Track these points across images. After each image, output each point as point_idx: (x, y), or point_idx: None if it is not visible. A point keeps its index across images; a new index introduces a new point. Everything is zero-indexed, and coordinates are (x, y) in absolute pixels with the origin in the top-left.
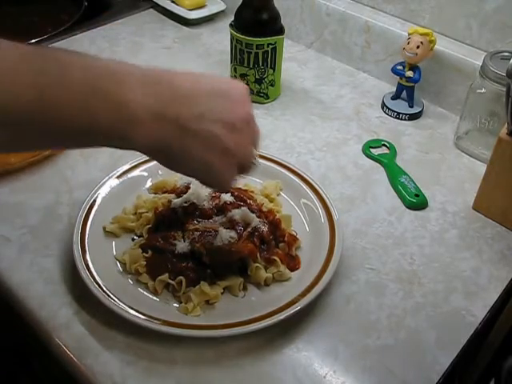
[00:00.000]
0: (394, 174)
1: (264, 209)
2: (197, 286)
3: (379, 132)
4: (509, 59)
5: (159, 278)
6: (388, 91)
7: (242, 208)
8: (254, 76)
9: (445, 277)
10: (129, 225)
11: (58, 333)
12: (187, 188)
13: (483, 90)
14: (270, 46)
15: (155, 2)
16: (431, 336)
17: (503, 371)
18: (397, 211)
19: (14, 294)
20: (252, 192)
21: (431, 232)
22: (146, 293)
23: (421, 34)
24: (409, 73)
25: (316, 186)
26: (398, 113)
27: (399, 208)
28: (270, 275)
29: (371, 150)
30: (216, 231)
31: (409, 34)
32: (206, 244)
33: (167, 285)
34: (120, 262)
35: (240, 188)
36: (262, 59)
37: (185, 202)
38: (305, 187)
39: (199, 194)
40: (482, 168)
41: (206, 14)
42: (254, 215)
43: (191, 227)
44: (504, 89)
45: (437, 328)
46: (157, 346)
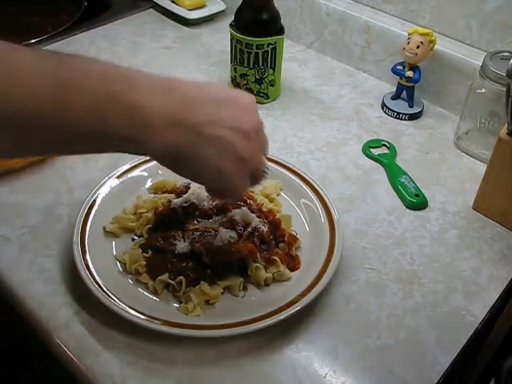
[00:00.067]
0: (394, 174)
1: (264, 209)
2: (197, 286)
3: (379, 132)
4: (509, 59)
5: (159, 278)
6: (388, 91)
7: (242, 208)
8: (254, 76)
9: (445, 277)
10: (129, 225)
11: (58, 333)
12: (187, 188)
13: (483, 90)
14: (270, 46)
15: (155, 2)
16: (431, 336)
17: (503, 371)
18: (397, 211)
19: (14, 294)
20: (252, 192)
21: (431, 232)
22: (146, 293)
23: (421, 34)
24: (409, 73)
25: (316, 186)
26: (398, 113)
27: (399, 208)
28: (270, 275)
29: (371, 150)
30: (216, 231)
31: (409, 34)
32: (206, 244)
33: (167, 285)
34: (120, 262)
35: None
36: (262, 59)
37: (185, 202)
38: (305, 187)
39: (199, 194)
40: (482, 168)
41: (206, 14)
42: (254, 215)
43: (191, 227)
44: (504, 89)
45: (437, 328)
46: (157, 346)
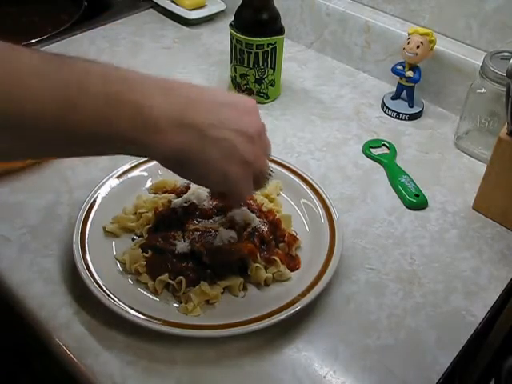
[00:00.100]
0: (394, 174)
1: (264, 209)
2: (197, 286)
3: (379, 132)
4: (509, 59)
5: (159, 278)
6: (388, 91)
7: (242, 208)
8: (254, 76)
9: (445, 277)
10: (129, 225)
11: (58, 333)
12: (187, 188)
13: (483, 90)
14: (270, 46)
15: (155, 2)
16: (431, 336)
17: (503, 371)
18: (397, 211)
19: (14, 294)
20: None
21: (431, 232)
22: (146, 293)
23: (421, 34)
24: (409, 73)
25: (316, 186)
26: (398, 113)
27: (399, 208)
28: (270, 275)
29: (371, 150)
30: (216, 231)
31: (409, 34)
32: (206, 244)
33: (167, 285)
34: (120, 262)
35: None
36: (262, 59)
37: (185, 202)
38: (305, 187)
39: (199, 194)
40: (482, 168)
41: (206, 14)
42: (254, 215)
43: (191, 227)
44: (504, 89)
45: (437, 328)
46: (157, 346)
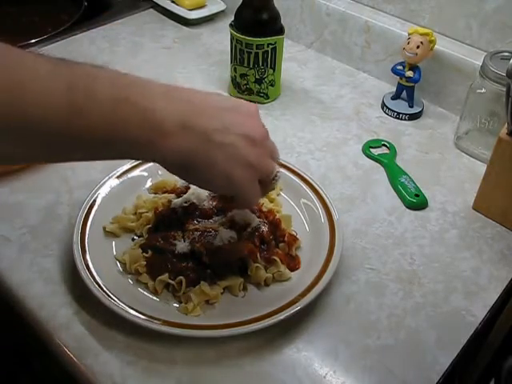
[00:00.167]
0: (394, 174)
1: (264, 209)
2: (197, 286)
3: (379, 132)
4: (509, 59)
5: (159, 278)
6: (388, 91)
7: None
8: (254, 76)
9: (445, 277)
10: (129, 225)
11: (58, 333)
12: (187, 188)
13: (483, 90)
14: (270, 46)
15: (155, 2)
16: (431, 336)
17: (503, 371)
18: (397, 211)
19: (14, 294)
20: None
21: (431, 232)
22: (146, 293)
23: (421, 34)
24: (409, 73)
25: (316, 186)
26: (398, 113)
27: (399, 208)
28: (270, 275)
29: (371, 150)
30: (216, 231)
31: (409, 34)
32: (206, 244)
33: (167, 285)
34: (120, 262)
35: None
36: (262, 59)
37: (185, 202)
38: (305, 187)
39: (199, 194)
40: (482, 168)
41: (206, 14)
42: (254, 215)
43: (191, 227)
44: (504, 89)
45: (437, 328)
46: (157, 346)
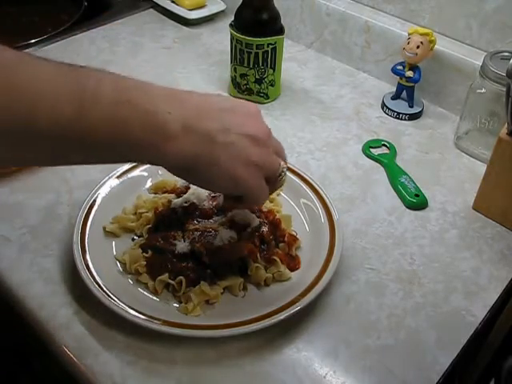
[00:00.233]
0: (394, 174)
1: (264, 209)
2: (197, 286)
3: (379, 132)
4: (509, 59)
5: (159, 278)
6: (388, 91)
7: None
8: (254, 76)
9: (445, 277)
10: (129, 225)
11: (58, 333)
12: (187, 188)
13: (483, 90)
14: (270, 46)
15: (155, 2)
16: (431, 336)
17: (503, 371)
18: (397, 211)
19: (14, 294)
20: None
21: (431, 232)
22: (146, 293)
23: (421, 34)
24: (409, 73)
25: (316, 186)
26: (398, 113)
27: (399, 208)
28: (270, 275)
29: (371, 150)
30: (216, 231)
31: (409, 34)
32: (206, 244)
33: (167, 285)
34: (120, 262)
35: None
36: (262, 59)
37: (185, 202)
38: (305, 187)
39: (199, 194)
40: (482, 168)
41: (206, 14)
42: (254, 215)
43: (191, 227)
44: (504, 89)
45: (437, 328)
46: (157, 346)
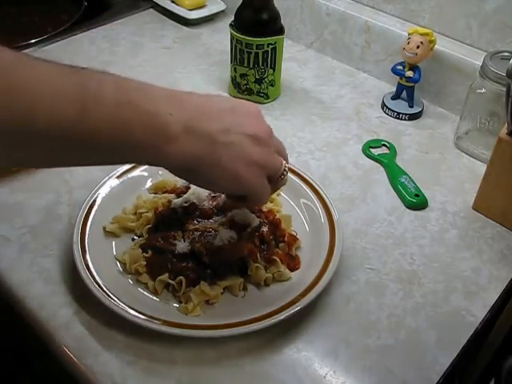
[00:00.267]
0: (394, 174)
1: (264, 209)
2: (197, 286)
3: (379, 132)
4: (509, 59)
5: (159, 278)
6: (388, 91)
7: (242, 208)
8: (254, 76)
9: (445, 277)
10: (129, 225)
11: (58, 333)
12: (187, 188)
13: (483, 90)
14: (270, 46)
15: (155, 2)
16: (431, 336)
17: (503, 371)
18: (397, 211)
19: (14, 294)
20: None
21: (431, 232)
22: (146, 293)
23: (421, 34)
24: (409, 73)
25: (316, 186)
26: (398, 113)
27: (399, 208)
28: (270, 275)
29: (371, 150)
30: (216, 231)
31: (409, 34)
32: (206, 244)
33: (167, 285)
34: (120, 262)
35: None
36: (262, 59)
37: (185, 202)
38: (305, 187)
39: (199, 194)
40: (482, 168)
41: (206, 14)
42: (254, 215)
43: (191, 227)
44: (504, 89)
45: (437, 328)
46: (157, 346)
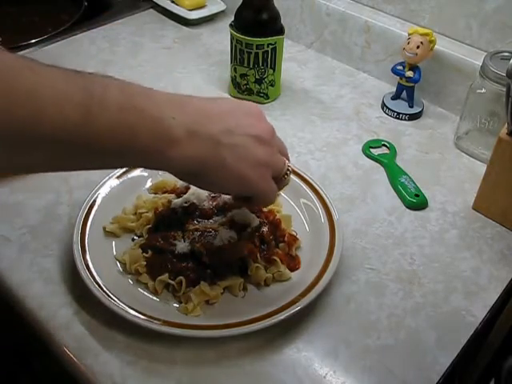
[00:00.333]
0: (394, 174)
1: (264, 209)
2: (197, 286)
3: (379, 132)
4: (509, 59)
5: (159, 278)
6: (388, 91)
7: (242, 208)
8: (254, 76)
9: (445, 277)
10: (129, 225)
11: (58, 333)
12: (187, 188)
13: (483, 90)
14: (270, 46)
15: (155, 2)
16: (431, 336)
17: (503, 371)
18: (397, 211)
19: (14, 294)
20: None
21: (431, 232)
22: (146, 293)
23: (421, 34)
24: (409, 73)
25: (316, 186)
26: (398, 113)
27: (399, 208)
28: (270, 275)
29: (371, 150)
30: (216, 231)
31: (409, 34)
32: (206, 244)
33: (167, 285)
34: (120, 262)
35: None
36: (262, 59)
37: (185, 202)
38: (305, 187)
39: (199, 194)
40: (482, 168)
41: (206, 14)
42: (254, 215)
43: (191, 227)
44: (504, 89)
45: (437, 328)
46: (157, 346)
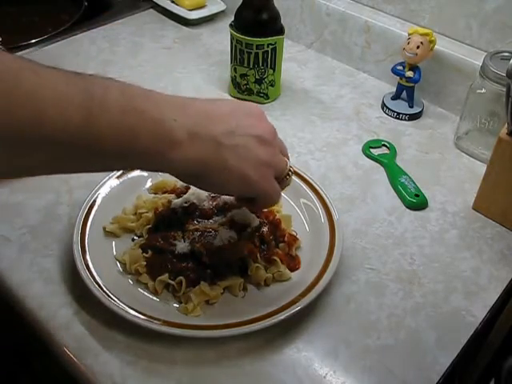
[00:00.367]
0: (394, 174)
1: (264, 209)
2: (197, 286)
3: (379, 132)
4: (509, 59)
5: (159, 278)
6: (388, 91)
7: (242, 208)
8: (254, 76)
9: (445, 277)
10: (129, 225)
11: (58, 333)
12: (187, 188)
13: (483, 90)
14: (270, 46)
15: (155, 2)
16: (431, 336)
17: (503, 371)
18: (397, 211)
19: (14, 294)
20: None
21: (431, 232)
22: (146, 293)
23: (421, 34)
24: (409, 73)
25: (316, 186)
26: (398, 113)
27: (399, 208)
28: (270, 275)
29: (371, 150)
30: (216, 231)
31: (409, 34)
32: (206, 244)
33: (167, 285)
34: (120, 262)
35: None
36: (262, 59)
37: (185, 202)
38: (305, 187)
39: (199, 194)
40: (482, 168)
41: (206, 14)
42: (254, 215)
43: (191, 227)
44: (504, 89)
45: (437, 328)
46: (157, 346)
